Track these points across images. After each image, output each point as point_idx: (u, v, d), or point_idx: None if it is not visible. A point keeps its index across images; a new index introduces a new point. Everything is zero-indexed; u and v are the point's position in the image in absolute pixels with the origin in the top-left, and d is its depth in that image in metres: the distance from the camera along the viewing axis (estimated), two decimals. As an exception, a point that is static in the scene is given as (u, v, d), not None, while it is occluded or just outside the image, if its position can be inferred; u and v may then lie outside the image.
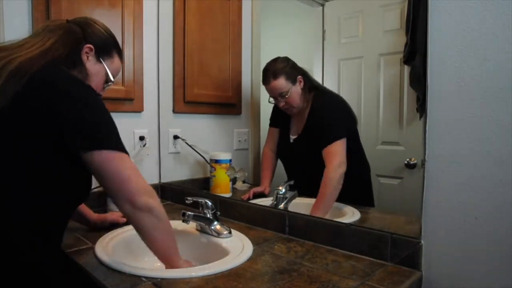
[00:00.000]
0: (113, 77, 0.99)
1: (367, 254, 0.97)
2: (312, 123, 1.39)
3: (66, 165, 0.81)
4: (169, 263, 0.91)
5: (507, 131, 0.76)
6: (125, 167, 0.82)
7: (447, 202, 0.85)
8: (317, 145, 1.31)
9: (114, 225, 1.19)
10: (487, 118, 0.79)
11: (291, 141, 1.48)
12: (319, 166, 1.27)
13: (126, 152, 0.84)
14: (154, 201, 0.84)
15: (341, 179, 1.23)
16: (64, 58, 0.87)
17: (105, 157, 0.80)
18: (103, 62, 0.96)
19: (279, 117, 1.54)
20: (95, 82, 0.95)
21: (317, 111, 1.38)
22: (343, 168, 1.24)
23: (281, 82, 1.37)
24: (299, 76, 1.39)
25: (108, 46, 0.97)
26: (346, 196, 1.25)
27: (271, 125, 1.60)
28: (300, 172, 1.45)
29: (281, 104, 1.41)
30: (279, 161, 1.58)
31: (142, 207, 0.82)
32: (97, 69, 0.95)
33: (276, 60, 1.41)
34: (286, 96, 1.38)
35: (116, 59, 1.00)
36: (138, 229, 0.87)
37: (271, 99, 1.44)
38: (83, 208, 1.17)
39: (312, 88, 1.41)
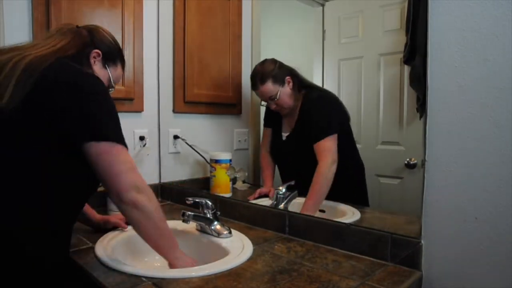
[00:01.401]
0: (114, 84, 1.06)
1: (367, 254, 0.97)
2: (303, 120, 1.39)
3: (71, 160, 0.82)
4: (166, 259, 0.93)
5: (507, 131, 0.76)
6: (118, 161, 0.83)
7: (447, 202, 0.85)
8: (309, 141, 1.31)
9: (116, 228, 1.18)
10: (487, 118, 0.79)
11: (283, 138, 1.48)
12: (312, 162, 1.28)
13: (125, 145, 0.85)
14: (142, 197, 0.84)
15: (332, 176, 1.24)
16: (73, 57, 0.91)
17: (102, 149, 0.81)
18: (108, 69, 1.02)
19: (271, 117, 1.54)
20: None
21: (308, 107, 1.38)
22: (335, 166, 1.25)
23: (269, 86, 1.37)
24: (287, 77, 1.38)
25: (113, 54, 1.03)
26: (340, 194, 1.26)
27: (264, 125, 1.61)
28: (294, 170, 1.45)
29: (273, 106, 1.42)
30: None
31: (128, 202, 0.83)
32: (102, 74, 0.99)
33: (263, 64, 1.42)
34: (276, 99, 1.38)
35: (119, 68, 1.06)
36: (129, 222, 0.91)
37: (263, 102, 1.46)
38: (87, 208, 1.17)
39: (302, 86, 1.41)
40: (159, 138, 1.71)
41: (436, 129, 0.86)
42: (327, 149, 1.27)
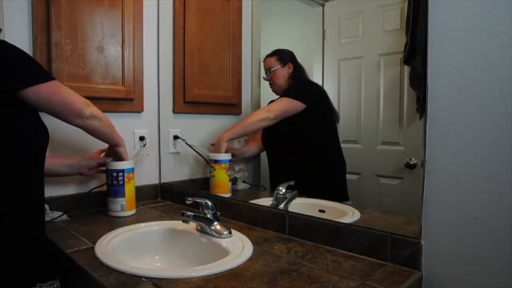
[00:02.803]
0: None
1: (367, 254, 0.97)
2: None
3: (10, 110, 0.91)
4: (119, 145, 1.31)
5: (507, 131, 0.76)
6: (63, 94, 1.01)
7: (447, 202, 0.85)
8: (288, 120, 1.47)
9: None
10: (487, 118, 0.79)
11: None
12: (296, 141, 1.46)
13: (55, 78, 1.00)
14: (95, 109, 1.10)
15: (258, 123, 1.50)
16: None
17: (50, 89, 0.96)
18: None
19: None
20: None
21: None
22: (269, 115, 1.46)
23: (272, 60, 1.62)
24: (290, 63, 1.59)
25: None
26: (320, 190, 1.35)
27: None
28: (281, 154, 1.59)
29: (267, 78, 1.64)
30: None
31: (88, 116, 1.07)
32: None
33: (281, 48, 1.64)
34: (272, 71, 1.60)
35: None
36: (89, 131, 1.14)
37: (265, 75, 1.66)
38: (52, 160, 1.26)
39: (299, 78, 1.57)
40: (159, 138, 1.71)
41: (436, 129, 0.86)
42: (275, 104, 1.50)
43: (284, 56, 1.60)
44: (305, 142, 1.48)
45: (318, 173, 1.44)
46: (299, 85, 1.55)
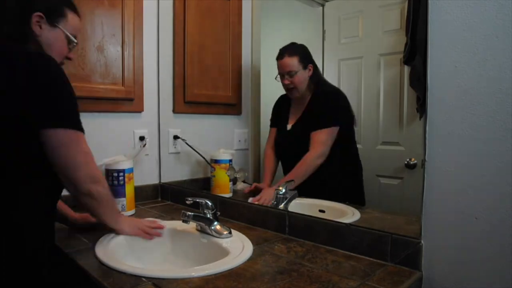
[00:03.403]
0: (75, 37, 0.96)
1: (367, 254, 0.96)
2: (310, 109, 1.46)
3: (33, 145, 0.81)
4: (107, 224, 1.04)
5: (507, 131, 0.76)
6: (77, 151, 0.85)
7: (447, 202, 0.85)
8: (313, 130, 1.38)
9: (94, 228, 1.14)
10: (487, 118, 0.79)
11: (288, 128, 1.53)
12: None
13: (83, 131, 0.87)
14: (97, 187, 0.91)
15: (315, 168, 1.34)
16: (12, 35, 0.85)
17: (61, 138, 0.82)
18: (59, 26, 0.91)
19: (278, 116, 1.60)
20: (58, 48, 0.93)
21: (318, 98, 1.45)
22: (321, 160, 1.34)
23: (293, 61, 1.44)
24: (310, 65, 1.45)
25: (58, 7, 0.92)
26: (340, 193, 1.31)
27: (271, 125, 1.64)
28: (296, 160, 1.46)
29: (286, 81, 1.46)
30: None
31: (85, 193, 0.90)
32: (55, 36, 0.91)
33: (294, 43, 1.49)
34: (293, 75, 1.44)
35: (70, 17, 0.94)
36: (82, 207, 0.98)
37: (278, 77, 1.49)
38: (62, 205, 1.15)
39: (318, 81, 1.46)
40: (159, 138, 1.71)
41: (436, 129, 0.86)
42: (321, 141, 1.35)
43: (305, 57, 1.45)
44: None
45: (338, 179, 1.37)
46: (330, 98, 1.42)
